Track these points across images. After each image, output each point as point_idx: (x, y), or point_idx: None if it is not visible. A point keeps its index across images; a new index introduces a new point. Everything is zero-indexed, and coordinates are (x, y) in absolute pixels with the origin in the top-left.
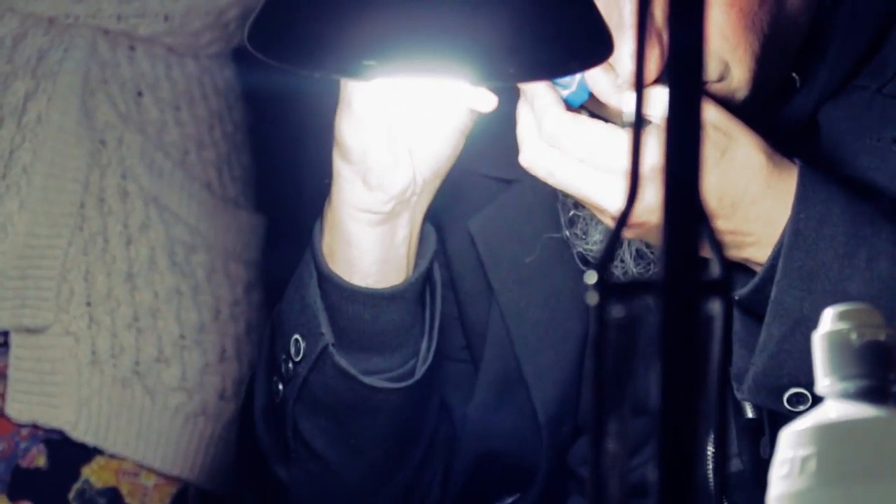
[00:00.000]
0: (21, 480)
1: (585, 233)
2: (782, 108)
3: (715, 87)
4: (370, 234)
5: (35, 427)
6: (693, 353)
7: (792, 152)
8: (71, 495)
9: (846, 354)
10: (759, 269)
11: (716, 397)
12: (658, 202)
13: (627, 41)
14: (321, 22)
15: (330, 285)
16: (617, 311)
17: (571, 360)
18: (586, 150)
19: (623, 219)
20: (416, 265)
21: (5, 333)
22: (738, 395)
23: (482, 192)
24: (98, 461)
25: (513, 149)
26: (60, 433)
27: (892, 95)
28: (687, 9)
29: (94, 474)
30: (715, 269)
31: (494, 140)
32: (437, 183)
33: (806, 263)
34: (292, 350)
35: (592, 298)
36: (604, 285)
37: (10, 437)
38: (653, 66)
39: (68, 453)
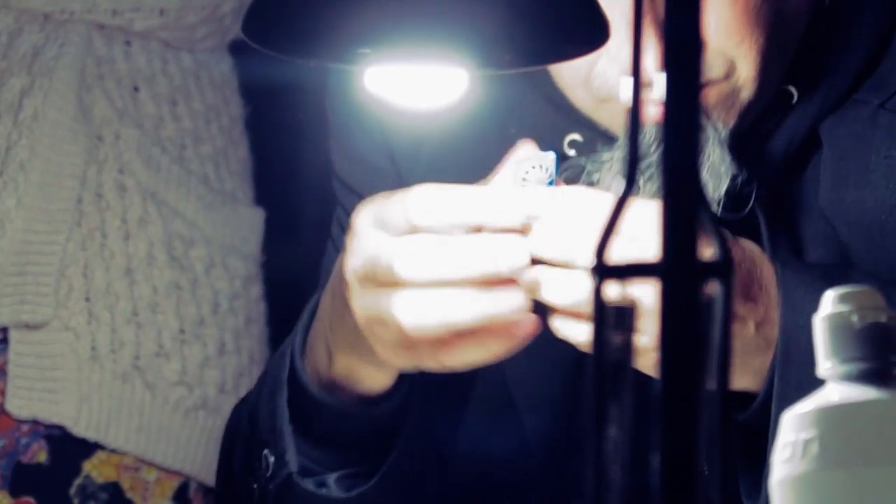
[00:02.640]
0: (22, 476)
1: None
2: (781, 122)
3: (720, 86)
4: (384, 374)
5: (36, 423)
6: (693, 336)
7: (795, 166)
8: (72, 490)
9: (848, 337)
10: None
11: (716, 381)
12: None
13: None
14: (316, 11)
15: (305, 399)
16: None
17: (564, 382)
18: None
19: (621, 204)
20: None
21: (4, 330)
22: None
23: None
24: (99, 456)
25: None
26: (61, 428)
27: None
28: None
29: (95, 469)
30: (714, 252)
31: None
32: None
33: (801, 376)
34: (262, 463)
35: (592, 281)
36: (601, 268)
37: (11, 433)
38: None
39: (69, 449)
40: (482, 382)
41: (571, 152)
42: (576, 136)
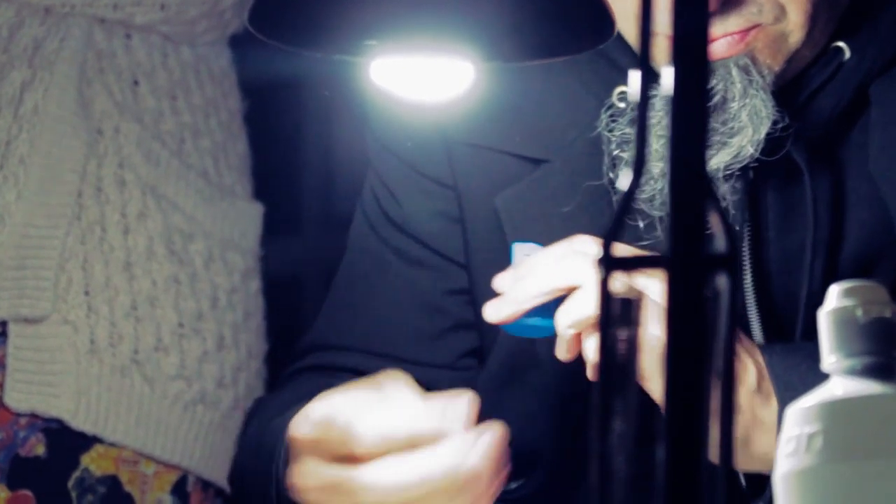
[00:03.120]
0: (20, 469)
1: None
2: (832, 78)
3: (770, 29)
4: None
5: (34, 416)
6: (699, 327)
7: (840, 124)
8: (70, 484)
9: (852, 331)
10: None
11: (722, 372)
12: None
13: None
14: (322, 2)
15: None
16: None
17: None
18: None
19: (630, 193)
20: None
21: (3, 323)
22: None
23: (511, 170)
24: (97, 449)
25: (543, 128)
26: (59, 422)
27: None
28: None
29: (93, 462)
30: (721, 244)
31: (524, 119)
32: None
33: None
34: None
35: (599, 272)
36: (609, 259)
37: (9, 426)
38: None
39: (67, 442)
40: (505, 338)
41: (621, 104)
42: (624, 89)
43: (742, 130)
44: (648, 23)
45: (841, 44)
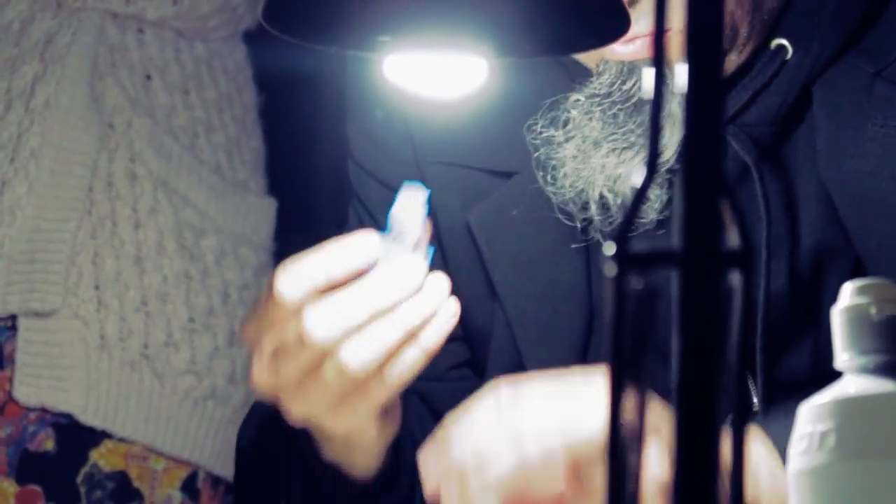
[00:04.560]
0: (29, 464)
1: (555, 179)
2: (776, 76)
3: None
4: (365, 458)
5: (43, 411)
6: (712, 325)
7: (785, 124)
8: (79, 479)
9: (865, 329)
10: None
11: (735, 371)
12: None
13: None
14: None
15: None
16: (635, 283)
17: (574, 355)
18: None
19: (643, 189)
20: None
21: (13, 317)
22: None
23: (481, 186)
24: (106, 445)
25: (508, 140)
26: (69, 417)
27: (893, 81)
28: None
29: (102, 458)
30: (735, 241)
31: (490, 133)
32: None
33: None
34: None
35: (610, 270)
36: (622, 256)
37: (19, 421)
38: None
39: (76, 437)
40: (496, 354)
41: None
42: (578, 97)
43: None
44: (663, 20)
45: (783, 41)
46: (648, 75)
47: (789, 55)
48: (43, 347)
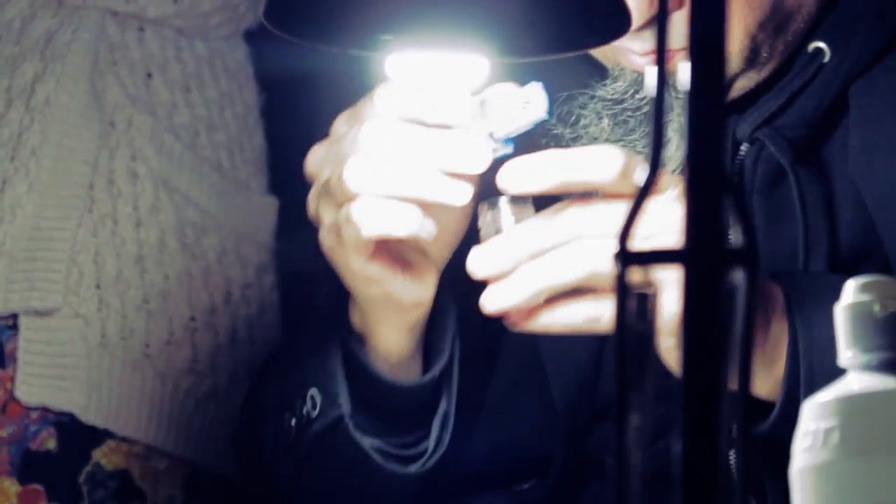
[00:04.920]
0: (31, 463)
1: None
2: (813, 79)
3: None
4: (402, 336)
5: (45, 410)
6: (716, 322)
7: (822, 127)
8: (81, 478)
9: (869, 326)
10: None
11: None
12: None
13: None
14: None
15: (355, 362)
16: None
17: (589, 347)
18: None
19: (647, 188)
20: (438, 348)
21: (14, 316)
22: None
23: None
24: (109, 444)
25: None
26: (70, 416)
27: None
28: None
29: (104, 457)
30: (739, 238)
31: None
32: (448, 255)
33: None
34: (308, 403)
35: (615, 268)
36: (625, 254)
37: (20, 420)
38: None
39: (78, 436)
40: (511, 346)
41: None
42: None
43: (667, 144)
44: (665, 21)
45: (821, 44)
46: (651, 74)
47: (827, 58)
48: (44, 346)
